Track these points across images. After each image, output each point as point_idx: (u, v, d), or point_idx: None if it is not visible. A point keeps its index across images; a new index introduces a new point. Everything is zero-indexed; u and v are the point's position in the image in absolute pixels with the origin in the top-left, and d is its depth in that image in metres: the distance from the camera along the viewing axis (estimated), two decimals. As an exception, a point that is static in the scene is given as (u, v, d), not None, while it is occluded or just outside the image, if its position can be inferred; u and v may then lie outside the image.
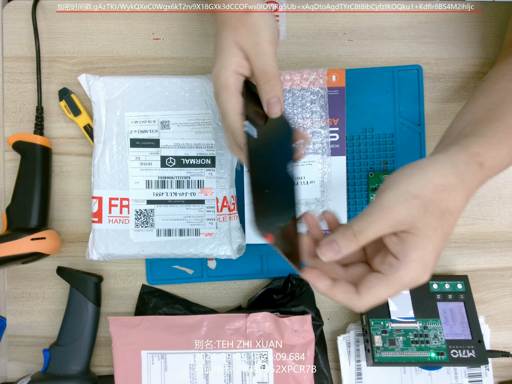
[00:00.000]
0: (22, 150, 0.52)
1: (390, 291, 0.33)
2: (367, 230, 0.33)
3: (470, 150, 0.35)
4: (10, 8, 0.55)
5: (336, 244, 0.34)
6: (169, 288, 0.55)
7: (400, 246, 0.33)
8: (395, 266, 0.33)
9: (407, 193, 0.33)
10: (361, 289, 0.34)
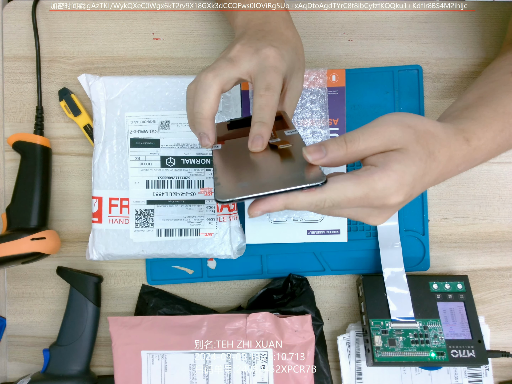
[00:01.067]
0: (22, 150, 0.52)
1: (358, 191, 0.31)
2: (359, 140, 0.32)
3: (458, 126, 0.37)
4: (10, 8, 0.55)
5: (324, 147, 0.32)
6: (169, 288, 0.55)
7: (383, 158, 0.32)
8: (371, 170, 0.32)
9: (403, 121, 0.33)
10: (326, 185, 0.31)
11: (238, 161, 0.36)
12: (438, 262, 0.55)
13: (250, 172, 0.34)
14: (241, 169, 0.35)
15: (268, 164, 0.34)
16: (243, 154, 0.36)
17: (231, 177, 0.34)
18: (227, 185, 0.33)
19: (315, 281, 0.55)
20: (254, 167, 0.34)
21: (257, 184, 0.32)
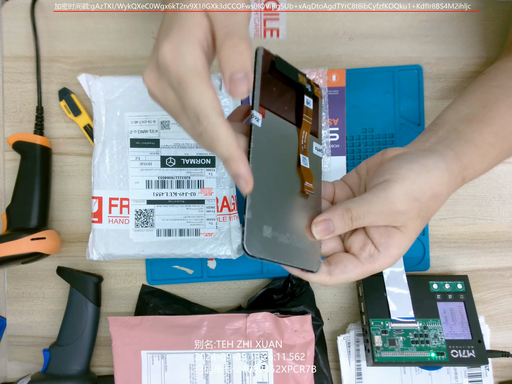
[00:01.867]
0: (22, 150, 0.52)
1: (361, 276, 0.35)
2: (365, 218, 0.34)
3: (462, 161, 0.37)
4: (9, 7, 0.55)
5: (331, 223, 0.34)
6: (169, 288, 0.55)
7: (385, 239, 0.35)
8: (374, 257, 0.35)
9: (411, 194, 0.34)
10: (334, 271, 0.35)
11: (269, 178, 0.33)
12: (438, 262, 0.55)
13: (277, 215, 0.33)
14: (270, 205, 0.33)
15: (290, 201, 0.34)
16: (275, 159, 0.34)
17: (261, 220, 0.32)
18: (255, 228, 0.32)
19: (315, 281, 0.55)
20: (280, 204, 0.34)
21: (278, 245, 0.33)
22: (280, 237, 0.33)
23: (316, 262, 0.35)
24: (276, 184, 0.34)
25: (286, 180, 0.34)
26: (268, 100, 0.34)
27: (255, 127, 0.32)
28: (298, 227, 0.35)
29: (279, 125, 0.35)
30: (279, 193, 0.34)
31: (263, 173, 0.33)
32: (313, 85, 0.38)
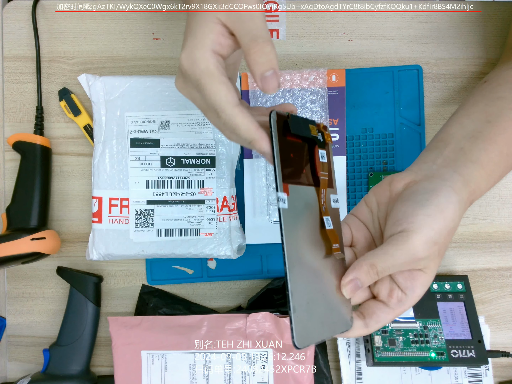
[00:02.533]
0: (22, 150, 0.52)
1: (392, 317, 0.37)
2: (390, 271, 0.34)
3: (470, 186, 0.37)
4: (10, 8, 0.55)
5: (359, 281, 0.34)
6: (169, 288, 0.55)
7: (411, 282, 0.36)
8: (403, 301, 0.36)
9: (431, 240, 0.34)
10: (370, 323, 0.36)
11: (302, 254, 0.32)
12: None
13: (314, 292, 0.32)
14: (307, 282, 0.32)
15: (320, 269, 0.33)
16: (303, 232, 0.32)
17: (303, 303, 0.31)
18: (303, 323, 0.31)
19: (315, 281, 0.55)
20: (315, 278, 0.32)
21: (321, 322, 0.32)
22: (317, 311, 0.32)
23: (350, 319, 0.35)
24: (307, 256, 0.32)
25: (313, 247, 0.33)
26: (289, 172, 0.32)
27: (283, 211, 0.31)
28: (329, 291, 0.34)
29: (302, 195, 0.33)
30: (310, 264, 0.32)
31: (298, 254, 0.31)
32: (322, 130, 0.35)
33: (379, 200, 0.39)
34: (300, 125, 0.33)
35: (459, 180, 0.37)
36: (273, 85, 0.31)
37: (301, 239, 0.32)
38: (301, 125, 0.33)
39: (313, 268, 0.32)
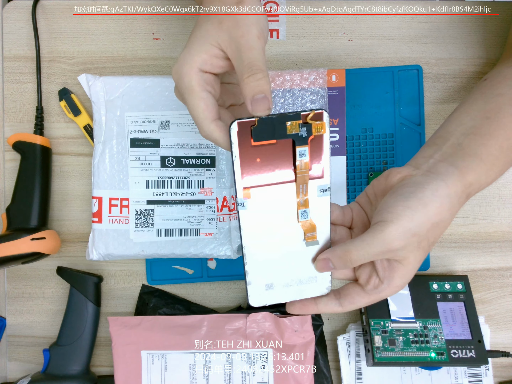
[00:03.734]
0: (22, 150, 0.52)
1: (368, 303, 0.39)
2: (364, 259, 0.35)
3: (466, 179, 0.37)
4: (10, 8, 0.55)
5: (331, 262, 0.37)
6: (169, 288, 0.55)
7: (389, 272, 0.37)
8: (379, 289, 0.37)
9: (409, 232, 0.34)
10: (344, 303, 0.39)
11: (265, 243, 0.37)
12: (438, 262, 0.55)
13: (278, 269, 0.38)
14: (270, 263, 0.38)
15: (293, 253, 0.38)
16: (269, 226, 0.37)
17: (260, 274, 0.38)
18: (257, 287, 0.39)
19: (315, 281, 0.55)
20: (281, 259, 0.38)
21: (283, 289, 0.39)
22: (285, 284, 0.39)
23: (326, 288, 0.39)
24: (277, 245, 0.37)
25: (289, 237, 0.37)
26: (252, 177, 0.34)
27: (242, 212, 0.35)
28: (304, 270, 0.39)
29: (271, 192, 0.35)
30: (282, 251, 0.38)
31: (258, 244, 0.37)
32: (309, 122, 0.34)
33: (376, 191, 0.40)
34: (269, 128, 0.33)
35: (454, 173, 0.37)
36: (263, 107, 0.32)
37: (265, 230, 0.37)
38: (272, 128, 0.33)
39: (286, 253, 0.38)
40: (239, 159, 0.34)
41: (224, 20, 0.35)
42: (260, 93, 0.32)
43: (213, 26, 0.35)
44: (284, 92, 0.53)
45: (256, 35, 0.34)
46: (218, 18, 0.35)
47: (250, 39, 0.34)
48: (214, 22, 0.35)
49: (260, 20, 0.35)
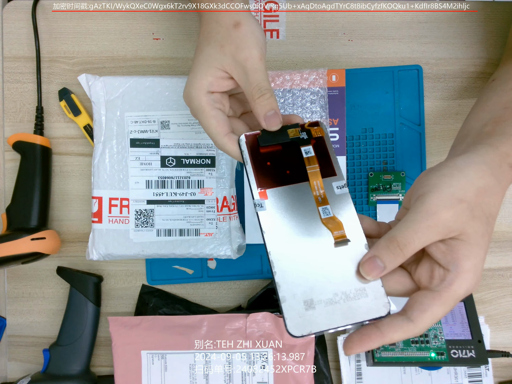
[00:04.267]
0: (22, 150, 0.52)
1: (446, 309, 0.30)
2: (414, 241, 0.30)
3: (500, 150, 0.34)
4: (10, 8, 0.55)
5: (379, 260, 0.31)
6: (169, 288, 0.55)
7: (451, 255, 0.30)
8: (447, 280, 0.30)
9: (452, 197, 0.30)
10: (413, 315, 0.30)
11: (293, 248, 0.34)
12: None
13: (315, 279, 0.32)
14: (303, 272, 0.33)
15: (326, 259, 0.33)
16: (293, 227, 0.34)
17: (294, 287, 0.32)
18: (294, 306, 0.31)
19: (315, 281, 0.55)
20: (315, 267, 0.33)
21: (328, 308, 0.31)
22: (328, 300, 0.32)
23: (383, 305, 0.31)
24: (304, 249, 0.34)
25: (315, 239, 0.34)
26: (266, 179, 0.36)
27: (262, 214, 0.35)
28: (347, 279, 0.32)
29: (288, 193, 0.35)
30: (313, 256, 0.33)
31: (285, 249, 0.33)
32: (309, 128, 0.37)
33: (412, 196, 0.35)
34: (273, 136, 0.37)
35: (484, 148, 0.34)
36: (275, 122, 0.36)
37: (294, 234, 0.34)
38: (275, 135, 0.37)
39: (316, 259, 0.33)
40: (251, 164, 0.36)
41: (225, 44, 0.36)
42: (271, 110, 0.36)
43: (215, 50, 0.37)
44: (284, 92, 0.53)
45: (258, 57, 0.36)
46: (219, 41, 0.37)
47: (254, 62, 0.36)
48: (216, 46, 0.37)
49: (259, 41, 0.37)
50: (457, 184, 0.31)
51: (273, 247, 0.34)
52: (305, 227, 0.34)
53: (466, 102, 0.55)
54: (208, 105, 0.37)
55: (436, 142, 0.55)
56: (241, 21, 0.37)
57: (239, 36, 0.36)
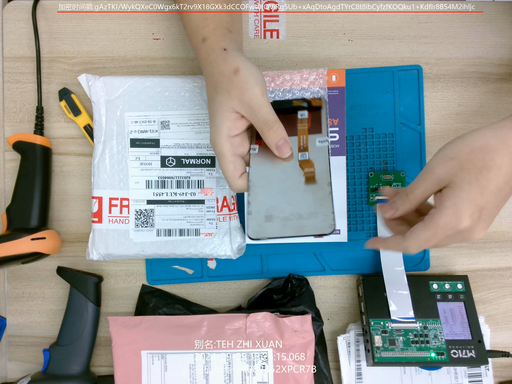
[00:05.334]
0: (22, 150, 0.52)
1: (428, 233, 0.39)
2: (416, 189, 0.40)
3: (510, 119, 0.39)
4: (10, 8, 0.55)
5: (394, 203, 0.42)
6: (169, 288, 0.55)
7: (439, 198, 0.39)
8: (432, 213, 0.39)
9: (445, 156, 0.39)
10: (407, 234, 0.40)
11: (269, 180, 0.42)
12: (438, 262, 0.55)
13: (278, 202, 0.41)
14: (271, 196, 0.41)
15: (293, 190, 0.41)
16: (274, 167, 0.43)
17: (260, 205, 0.41)
18: (256, 218, 0.41)
19: (315, 281, 0.55)
20: (282, 194, 0.41)
21: (283, 222, 0.40)
22: (284, 217, 0.40)
23: (329, 226, 0.39)
24: (279, 181, 0.42)
25: (289, 177, 0.42)
26: None
27: (253, 155, 0.43)
28: (304, 204, 0.41)
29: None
30: (283, 187, 0.42)
31: (263, 180, 0.42)
32: (310, 100, 0.47)
33: None
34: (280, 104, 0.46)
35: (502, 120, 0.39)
36: (286, 150, 0.42)
37: (272, 171, 0.42)
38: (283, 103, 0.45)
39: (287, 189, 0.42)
40: (255, 130, 0.43)
41: (230, 89, 0.41)
42: (281, 139, 0.42)
43: (223, 97, 0.42)
44: (284, 92, 0.53)
45: (260, 94, 0.41)
46: (225, 89, 0.42)
47: (257, 100, 0.41)
48: (224, 93, 0.42)
49: (259, 80, 0.42)
50: (453, 147, 0.39)
51: (253, 176, 0.42)
52: (283, 167, 0.43)
53: (466, 102, 0.55)
54: (228, 151, 0.42)
55: (436, 142, 0.55)
56: (239, 67, 0.41)
57: (241, 80, 0.41)
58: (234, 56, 0.42)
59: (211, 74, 0.43)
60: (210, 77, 0.43)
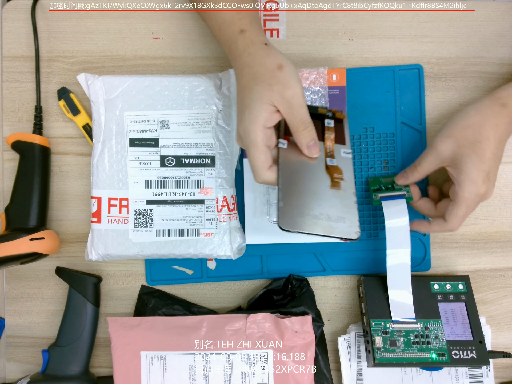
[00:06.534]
0: (21, 149, 0.52)
1: (463, 207, 0.46)
2: (422, 163, 0.48)
3: (494, 95, 0.47)
4: (10, 8, 0.55)
5: (405, 173, 0.50)
6: (169, 289, 0.55)
7: (455, 177, 0.46)
8: (456, 191, 0.46)
9: (443, 136, 0.47)
10: (446, 217, 0.47)
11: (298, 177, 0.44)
12: (439, 262, 0.55)
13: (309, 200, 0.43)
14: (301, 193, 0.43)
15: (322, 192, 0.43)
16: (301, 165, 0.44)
17: (292, 200, 0.42)
18: (288, 211, 0.41)
19: (315, 281, 0.55)
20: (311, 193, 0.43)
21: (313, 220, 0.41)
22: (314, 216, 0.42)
23: (355, 232, 0.42)
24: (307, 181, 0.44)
25: (316, 178, 0.44)
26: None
27: (282, 149, 0.45)
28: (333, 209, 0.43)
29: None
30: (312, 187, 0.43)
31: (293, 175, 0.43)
32: (334, 112, 0.49)
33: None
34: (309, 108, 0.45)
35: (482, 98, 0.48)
36: (316, 150, 0.44)
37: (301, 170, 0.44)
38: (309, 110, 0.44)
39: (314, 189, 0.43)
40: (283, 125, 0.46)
41: (272, 83, 0.42)
42: (312, 140, 0.43)
43: (264, 88, 0.42)
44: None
45: (301, 95, 0.42)
46: (266, 81, 0.42)
47: (298, 99, 0.42)
48: (265, 85, 0.42)
49: (299, 80, 0.43)
50: (447, 128, 0.47)
51: (283, 170, 0.43)
52: (311, 168, 0.45)
53: (467, 101, 0.55)
54: (261, 140, 0.42)
55: (437, 141, 0.54)
56: (283, 63, 0.42)
57: (284, 77, 0.42)
58: (276, 52, 0.44)
59: (250, 65, 0.44)
60: (248, 67, 0.44)
